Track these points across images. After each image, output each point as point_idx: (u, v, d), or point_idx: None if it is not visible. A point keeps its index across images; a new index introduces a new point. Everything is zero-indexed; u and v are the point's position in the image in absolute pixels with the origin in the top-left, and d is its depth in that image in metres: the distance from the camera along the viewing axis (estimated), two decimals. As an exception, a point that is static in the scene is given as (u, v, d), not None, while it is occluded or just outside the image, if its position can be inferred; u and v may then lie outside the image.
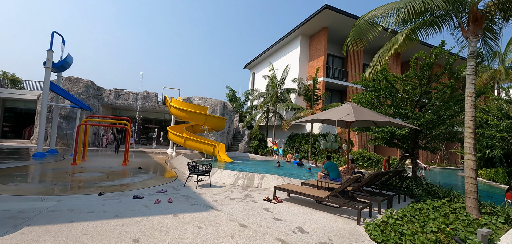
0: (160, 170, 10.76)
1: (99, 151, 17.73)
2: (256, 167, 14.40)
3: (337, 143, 18.66)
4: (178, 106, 17.32)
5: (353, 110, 6.76)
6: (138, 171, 9.86)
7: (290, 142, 24.64)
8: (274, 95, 24.34)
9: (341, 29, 24.11)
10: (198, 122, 17.59)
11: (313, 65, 25.35)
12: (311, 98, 20.89)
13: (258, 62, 35.02)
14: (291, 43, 27.27)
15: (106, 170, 9.64)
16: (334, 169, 8.05)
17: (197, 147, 16.66)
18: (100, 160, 12.52)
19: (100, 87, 21.59)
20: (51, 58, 12.90)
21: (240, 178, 8.54)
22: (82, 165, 10.54)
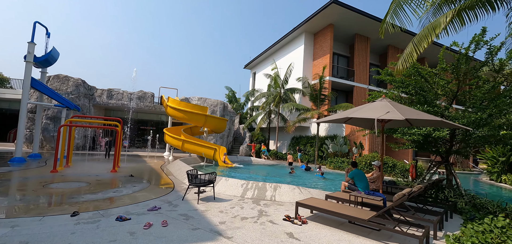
0: (154, 178, 9.36)
1: (94, 156, 16.25)
2: (263, 173, 13.05)
3: (347, 145, 17.37)
4: (175, 106, 15.93)
5: (394, 107, 5.45)
6: (129, 180, 8.45)
7: (294, 144, 23.32)
8: (277, 95, 23.04)
9: (348, 26, 22.94)
10: (197, 123, 16.21)
11: (318, 64, 24.13)
12: (317, 98, 19.62)
13: (259, 62, 33.75)
14: (295, 41, 26.05)
15: (91, 179, 8.22)
16: (362, 178, 6.73)
17: (196, 150, 15.27)
18: (87, 166, 11.09)
19: (92, 87, 20.13)
20: (32, 51, 11.47)
21: (250, 189, 7.18)
22: (64, 172, 9.10)
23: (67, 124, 9.20)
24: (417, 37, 6.78)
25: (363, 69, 24.54)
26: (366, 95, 24.37)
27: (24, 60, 11.49)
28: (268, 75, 25.34)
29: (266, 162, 18.69)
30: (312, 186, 9.58)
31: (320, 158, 19.31)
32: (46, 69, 13.46)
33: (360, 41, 24.53)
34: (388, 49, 26.37)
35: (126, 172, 10.12)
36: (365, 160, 14.95)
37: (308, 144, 21.27)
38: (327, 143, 18.30)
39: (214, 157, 14.90)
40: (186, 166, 10.79)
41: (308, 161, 18.13)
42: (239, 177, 10.44)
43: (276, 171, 14.76)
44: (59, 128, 9.05)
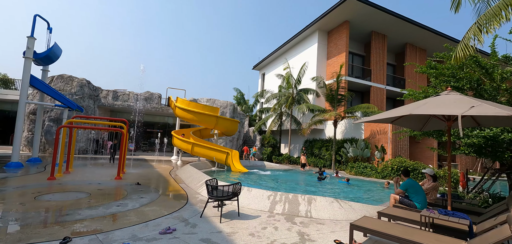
0: (164, 186, 8.25)
1: (98, 160, 15.27)
2: (283, 180, 11.84)
3: (369, 149, 16.05)
4: (184, 107, 14.87)
5: (473, 101, 4.22)
6: (135, 189, 7.35)
7: (308, 148, 22.05)
8: (289, 96, 21.87)
9: (364, 23, 21.73)
10: (208, 124, 15.11)
11: (332, 63, 22.91)
12: (334, 99, 18.36)
13: (268, 63, 32.65)
14: (307, 40, 24.88)
15: (92, 188, 7.14)
16: (418, 190, 5.49)
17: (207, 154, 14.15)
18: (89, 172, 10.04)
19: (97, 87, 19.26)
20: (32, 46, 10.54)
21: (279, 202, 5.99)
22: (62, 180, 8.05)
23: (67, 125, 8.18)
24: (486, 16, 5.52)
25: (380, 69, 23.23)
26: (384, 95, 23.06)
27: (22, 56, 10.57)
28: (280, 76, 24.20)
29: (281, 166, 17.47)
30: (343, 196, 8.34)
31: (338, 162, 18.01)
32: (47, 67, 12.54)
33: (377, 39, 23.25)
34: (406, 47, 25.00)
35: (132, 179, 9.04)
36: (392, 166, 13.62)
37: (324, 148, 20.00)
38: (346, 147, 17.00)
39: (227, 161, 13.77)
40: (197, 171, 9.68)
41: (322, 166, 16.88)
42: (262, 186, 9.28)
43: (296, 176, 13.53)
44: (57, 129, 8.03)
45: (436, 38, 23.49)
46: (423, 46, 25.79)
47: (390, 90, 23.47)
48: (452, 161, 22.11)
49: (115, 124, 9.98)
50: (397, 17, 20.56)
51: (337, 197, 8.32)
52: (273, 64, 31.33)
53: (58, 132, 8.08)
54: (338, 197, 8.16)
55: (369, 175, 14.27)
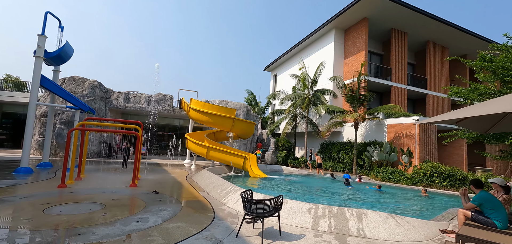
0: (183, 195, 7.46)
1: (110, 165, 14.69)
2: (309, 187, 10.92)
3: (395, 153, 14.94)
4: (199, 109, 14.15)
5: None
6: (154, 199, 6.58)
7: (325, 151, 21.05)
8: (306, 97, 20.94)
9: (384, 19, 20.70)
10: (224, 127, 14.34)
11: (350, 63, 21.89)
12: (354, 100, 17.34)
13: (280, 63, 31.81)
14: (323, 39, 23.93)
15: (106, 198, 6.41)
16: (497, 206, 4.50)
17: (223, 158, 13.36)
18: (102, 178, 9.37)
19: (108, 89, 18.80)
20: (43, 44, 10.00)
21: (322, 217, 5.11)
22: (74, 188, 7.37)
23: (79, 128, 7.53)
24: None
25: (401, 68, 22.07)
26: (405, 96, 21.86)
27: (33, 55, 10.03)
28: (295, 76, 23.30)
29: (299, 171, 16.54)
30: (382, 206, 7.38)
31: (360, 167, 16.95)
32: (59, 67, 12.03)
33: (397, 37, 22.13)
34: (427, 45, 23.79)
35: (148, 186, 8.30)
36: (424, 171, 12.50)
37: (342, 151, 18.96)
38: (369, 150, 15.93)
39: (244, 166, 12.94)
40: (217, 178, 8.88)
41: (342, 170, 15.89)
42: (293, 196, 8.40)
43: (320, 183, 12.58)
44: (69, 132, 7.36)
45: (460, 36, 22.26)
46: (445, 44, 24.51)
47: (411, 90, 22.27)
48: (480, 165, 20.74)
49: (130, 126, 9.30)
50: (419, 12, 19.46)
51: (373, 207, 7.38)
52: (286, 65, 30.48)
53: (70, 135, 7.41)
54: (375, 207, 7.22)
55: (398, 181, 13.19)
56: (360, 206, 7.65)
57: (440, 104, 23.67)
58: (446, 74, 24.61)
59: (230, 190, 7.04)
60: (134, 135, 8.21)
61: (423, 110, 23.32)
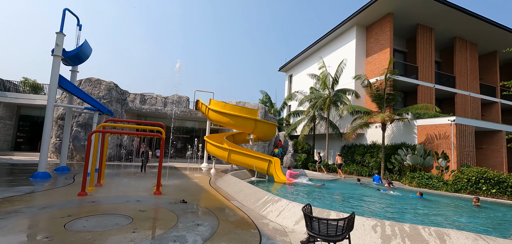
0: (214, 205, 6.70)
1: (127, 169, 14.18)
2: (344, 194, 9.97)
3: (431, 156, 13.75)
4: (219, 110, 13.44)
5: None
6: (183, 209, 5.85)
7: (347, 154, 19.99)
8: (327, 97, 19.95)
9: (409, 15, 19.59)
10: (245, 129, 13.57)
11: (373, 61, 20.80)
12: (382, 99, 16.25)
13: (296, 63, 30.93)
14: (343, 36, 22.91)
15: (132, 208, 5.71)
16: None
17: (246, 162, 12.57)
18: (123, 184, 8.74)
19: (124, 91, 18.41)
20: (61, 43, 9.51)
21: (393, 237, 4.21)
22: (95, 196, 6.73)
23: (100, 130, 6.92)
24: None
25: (428, 66, 20.79)
26: (433, 95, 20.56)
27: (51, 54, 9.56)
28: (313, 76, 22.34)
29: (323, 175, 15.56)
30: (432, 220, 6.38)
31: (389, 171, 15.82)
32: (76, 67, 11.58)
33: (423, 33, 20.90)
34: (455, 42, 22.41)
35: (172, 193, 7.60)
36: (468, 177, 11.32)
37: (367, 154, 17.87)
38: (400, 153, 14.80)
39: (269, 170, 12.10)
40: (245, 184, 8.13)
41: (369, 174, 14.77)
42: (340, 208, 7.51)
43: (351, 189, 11.59)
44: (89, 135, 6.75)
45: (490, 30, 20.82)
46: (474, 40, 23.05)
47: (438, 89, 20.96)
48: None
49: (152, 128, 8.66)
50: (448, 5, 18.19)
51: (430, 220, 6.40)
52: (302, 65, 29.57)
53: (90, 138, 6.79)
54: (433, 221, 6.24)
55: (437, 188, 12.04)
56: (414, 217, 6.70)
57: (470, 103, 22.21)
58: (475, 72, 23.12)
59: (268, 200, 6.22)
60: (158, 137, 7.52)
61: (451, 110, 21.89)
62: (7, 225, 4.28)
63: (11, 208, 5.24)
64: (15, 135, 19.18)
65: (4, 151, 17.52)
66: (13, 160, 14.65)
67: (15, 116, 19.13)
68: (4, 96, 17.46)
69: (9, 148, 18.44)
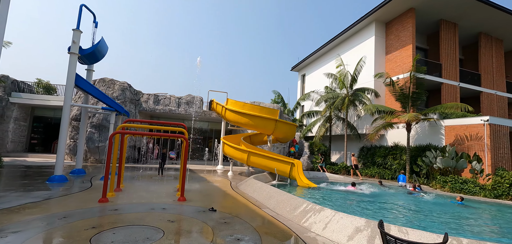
0: (246, 213, 6.09)
1: (142, 171, 13.77)
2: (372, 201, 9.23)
3: (464, 159, 12.83)
4: (238, 110, 12.87)
5: None
6: (216, 221, 5.27)
7: (367, 156, 19.14)
8: (345, 96, 19.18)
9: (431, 9, 18.79)
10: (265, 130, 12.96)
11: (393, 59, 19.92)
12: (406, 98, 15.39)
13: (309, 62, 30.18)
14: (361, 33, 22.08)
15: (159, 218, 5.17)
16: None
17: (266, 165, 11.95)
18: (143, 189, 8.23)
19: (138, 91, 18.06)
20: (78, 40, 9.10)
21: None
22: (116, 202, 6.22)
23: (122, 131, 6.41)
24: None
25: (452, 63, 19.79)
26: (458, 94, 19.54)
27: (68, 52, 9.16)
28: (330, 75, 21.57)
29: (345, 178, 14.79)
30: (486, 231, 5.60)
31: (415, 174, 14.94)
32: (92, 66, 11.18)
33: (447, 29, 19.91)
34: (480, 38, 21.32)
35: (197, 199, 7.04)
36: (511, 181, 10.42)
37: (390, 156, 17.00)
38: (429, 155, 13.91)
39: (291, 174, 11.45)
40: (270, 188, 7.56)
41: (413, 180, 13.89)
42: (385, 218, 6.82)
43: (377, 193, 10.82)
44: (110, 137, 6.25)
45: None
46: (500, 36, 21.91)
47: (463, 87, 19.92)
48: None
49: (174, 128, 8.14)
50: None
51: (479, 227, 5.63)
52: (316, 64, 28.81)
53: (111, 140, 6.28)
54: (482, 228, 5.47)
55: (473, 193, 11.17)
56: (477, 228, 5.93)
57: (496, 103, 21.08)
58: (501, 70, 21.95)
59: (307, 209, 5.58)
60: (182, 139, 6.97)
61: (477, 110, 20.76)
62: (27, 240, 3.77)
63: (29, 217, 4.76)
64: (29, 136, 19.06)
65: (19, 153, 17.37)
66: (28, 161, 14.41)
67: (29, 117, 19.02)
68: (18, 98, 17.32)
69: (23, 150, 18.32)
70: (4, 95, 16.83)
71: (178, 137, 7.07)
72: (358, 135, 20.48)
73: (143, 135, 6.99)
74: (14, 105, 17.34)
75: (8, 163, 13.03)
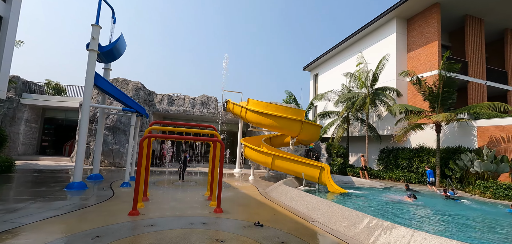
0: (300, 231, 5.34)
1: (159, 175, 13.10)
2: (416, 209, 8.38)
3: (506, 163, 11.91)
4: (261, 111, 12.13)
5: None
6: (269, 239, 4.54)
7: (389, 158, 18.26)
8: (367, 96, 18.34)
9: (456, 5, 17.87)
10: (291, 131, 12.19)
11: (416, 56, 19.06)
12: (437, 98, 14.52)
13: (323, 61, 29.35)
14: (380, 31, 21.23)
15: (206, 237, 4.46)
16: None
17: (293, 169, 11.17)
18: (171, 198, 7.53)
19: (151, 92, 17.44)
20: (97, 36, 8.45)
21: None
22: (148, 216, 5.52)
23: (154, 135, 5.70)
24: None
25: (478, 61, 18.86)
26: (485, 93, 18.61)
27: (86, 48, 8.52)
28: (348, 74, 20.75)
29: (372, 183, 13.95)
30: None
31: (447, 178, 14.05)
32: (109, 65, 10.56)
33: (472, 25, 19.00)
34: (506, 34, 20.37)
35: (233, 210, 6.32)
36: None
37: (415, 158, 16.12)
38: (464, 158, 13.01)
39: (321, 179, 10.67)
40: (312, 197, 6.86)
41: (449, 184, 13.00)
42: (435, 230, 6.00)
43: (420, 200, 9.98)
44: (141, 141, 5.55)
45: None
46: (528, 30, 20.87)
47: (489, 86, 18.97)
48: None
49: (205, 131, 7.43)
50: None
51: None
52: (330, 63, 27.99)
53: (142, 145, 5.59)
54: None
55: (521, 200, 10.27)
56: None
57: (525, 102, 20.07)
58: (529, 67, 20.88)
59: (373, 226, 4.81)
60: (219, 143, 6.25)
61: (504, 109, 19.78)
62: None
63: (58, 237, 4.07)
64: (40, 138, 18.55)
65: (30, 155, 16.85)
66: (40, 165, 13.84)
67: (40, 119, 18.51)
68: (30, 99, 16.81)
69: (34, 152, 17.80)
70: (15, 96, 16.34)
71: (214, 140, 6.35)
72: (379, 136, 19.63)
73: (175, 138, 6.28)
74: (25, 107, 16.83)
75: (21, 167, 12.46)
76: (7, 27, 10.85)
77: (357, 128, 22.15)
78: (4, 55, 10.61)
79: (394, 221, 5.51)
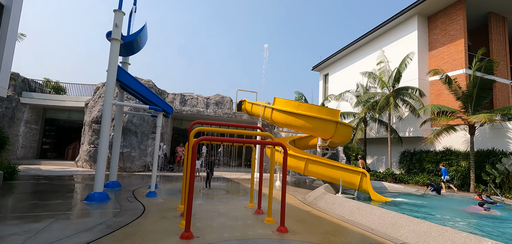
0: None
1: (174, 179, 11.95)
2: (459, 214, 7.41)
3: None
4: (291, 110, 11.08)
5: None
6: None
7: (412, 162, 17.42)
8: (389, 95, 17.48)
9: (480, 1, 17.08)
10: (324, 133, 11.16)
11: (439, 55, 18.29)
12: (470, 98, 13.71)
13: (333, 61, 28.49)
14: (399, 29, 20.44)
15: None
16: None
17: (329, 175, 10.14)
18: (213, 211, 6.41)
19: (162, 91, 16.28)
20: (120, 23, 7.32)
21: None
22: (206, 240, 4.41)
23: (206, 138, 4.61)
24: None
25: (503, 60, 18.20)
26: (510, 93, 17.93)
27: (107, 38, 7.39)
28: (365, 73, 19.90)
29: (404, 188, 13.01)
30: None
31: (483, 183, 13.21)
32: (127, 59, 9.41)
33: (496, 22, 18.36)
34: (529, 32, 19.73)
35: (296, 228, 5.26)
36: None
37: (444, 161, 15.27)
38: (505, 162, 12.19)
39: (361, 186, 9.67)
40: (372, 208, 5.85)
41: (485, 189, 12.17)
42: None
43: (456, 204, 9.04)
44: (194, 145, 4.46)
45: None
46: (554, 29, 20.35)
47: (511, 87, 18.32)
48: None
49: (250, 132, 6.36)
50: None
51: None
52: (341, 63, 27.15)
53: (195, 149, 4.49)
54: None
55: None
56: None
57: (550, 102, 19.46)
58: (550, 66, 20.32)
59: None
60: (282, 147, 5.18)
61: (527, 110, 19.14)
62: None
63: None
64: (41, 141, 17.14)
65: (30, 160, 15.46)
66: (43, 170, 12.54)
67: (41, 120, 17.11)
68: (30, 98, 15.45)
69: (34, 156, 16.40)
70: (15, 95, 14.97)
71: (274, 144, 5.30)
72: (399, 138, 18.78)
73: (226, 141, 5.21)
74: (25, 107, 15.46)
75: (23, 173, 11.15)
76: (10, 16, 9.63)
77: (374, 129, 21.32)
78: (6, 48, 9.38)
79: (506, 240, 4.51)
